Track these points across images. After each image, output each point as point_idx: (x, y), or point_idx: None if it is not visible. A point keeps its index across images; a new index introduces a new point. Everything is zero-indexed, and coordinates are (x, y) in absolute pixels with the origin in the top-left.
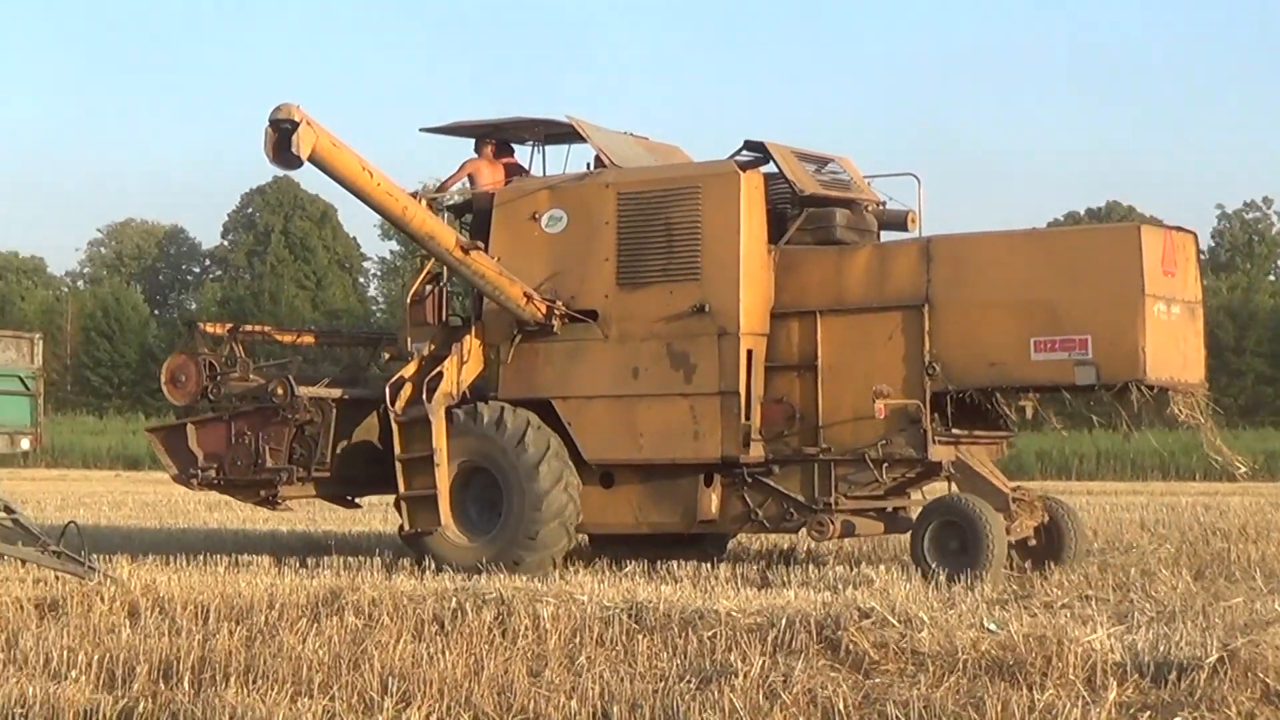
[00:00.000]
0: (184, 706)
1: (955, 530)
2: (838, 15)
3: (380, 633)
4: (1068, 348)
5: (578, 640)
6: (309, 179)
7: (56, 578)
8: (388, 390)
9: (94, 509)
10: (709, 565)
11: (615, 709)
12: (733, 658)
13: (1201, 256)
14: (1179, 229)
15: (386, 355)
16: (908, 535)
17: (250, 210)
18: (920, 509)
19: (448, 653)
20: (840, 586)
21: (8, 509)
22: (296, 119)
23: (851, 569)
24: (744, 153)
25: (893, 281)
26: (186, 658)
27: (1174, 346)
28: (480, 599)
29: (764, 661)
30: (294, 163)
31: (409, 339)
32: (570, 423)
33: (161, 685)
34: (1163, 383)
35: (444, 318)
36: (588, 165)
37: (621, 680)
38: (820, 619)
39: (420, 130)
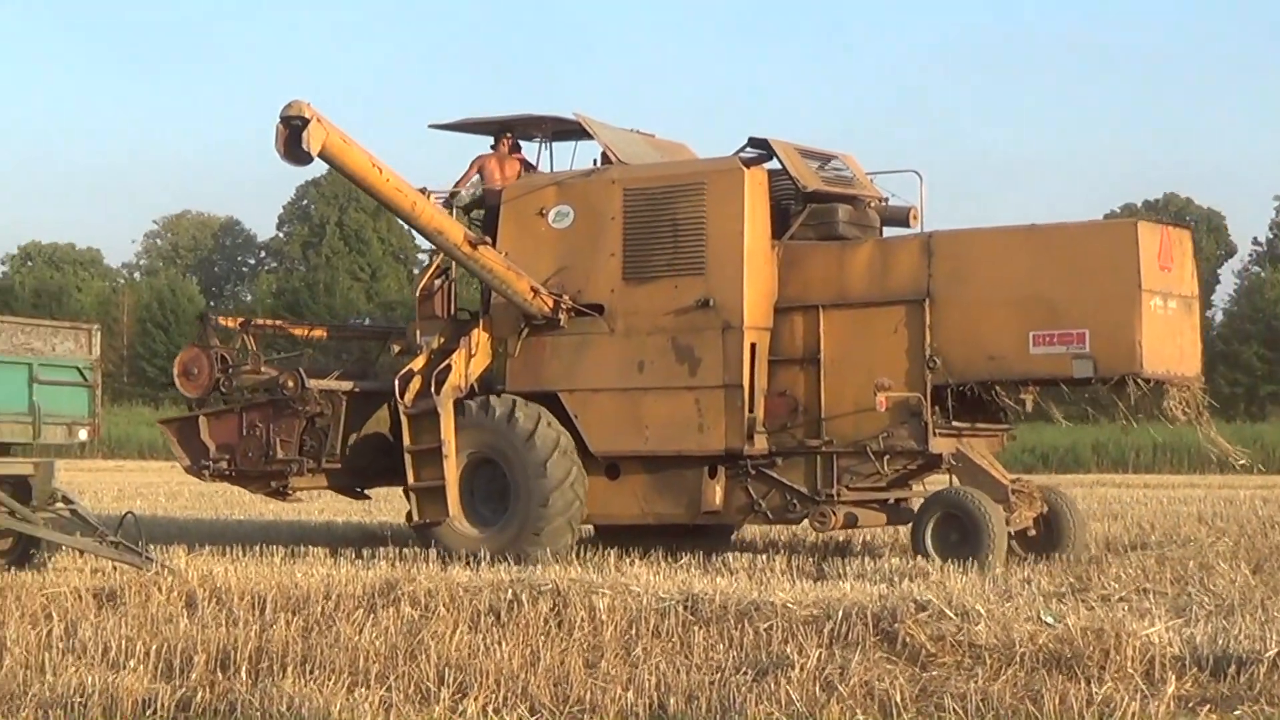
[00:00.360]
0: (242, 696)
1: (956, 522)
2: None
3: (436, 623)
4: (1066, 341)
5: (633, 632)
6: None
7: (114, 568)
8: (397, 383)
9: (150, 499)
10: (764, 557)
11: (672, 700)
12: (789, 650)
13: (1259, 248)
14: (1176, 225)
15: (396, 349)
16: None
17: (305, 202)
18: (922, 501)
19: (504, 643)
20: (896, 579)
21: (66, 499)
22: (307, 116)
23: (907, 561)
24: (748, 149)
25: (894, 276)
26: (244, 648)
27: (1170, 340)
28: (536, 590)
29: (820, 654)
30: (304, 158)
31: (418, 332)
32: (576, 415)
33: (219, 675)
34: (1159, 376)
35: (453, 311)
36: (594, 161)
37: (678, 672)
38: (876, 611)
39: (430, 126)
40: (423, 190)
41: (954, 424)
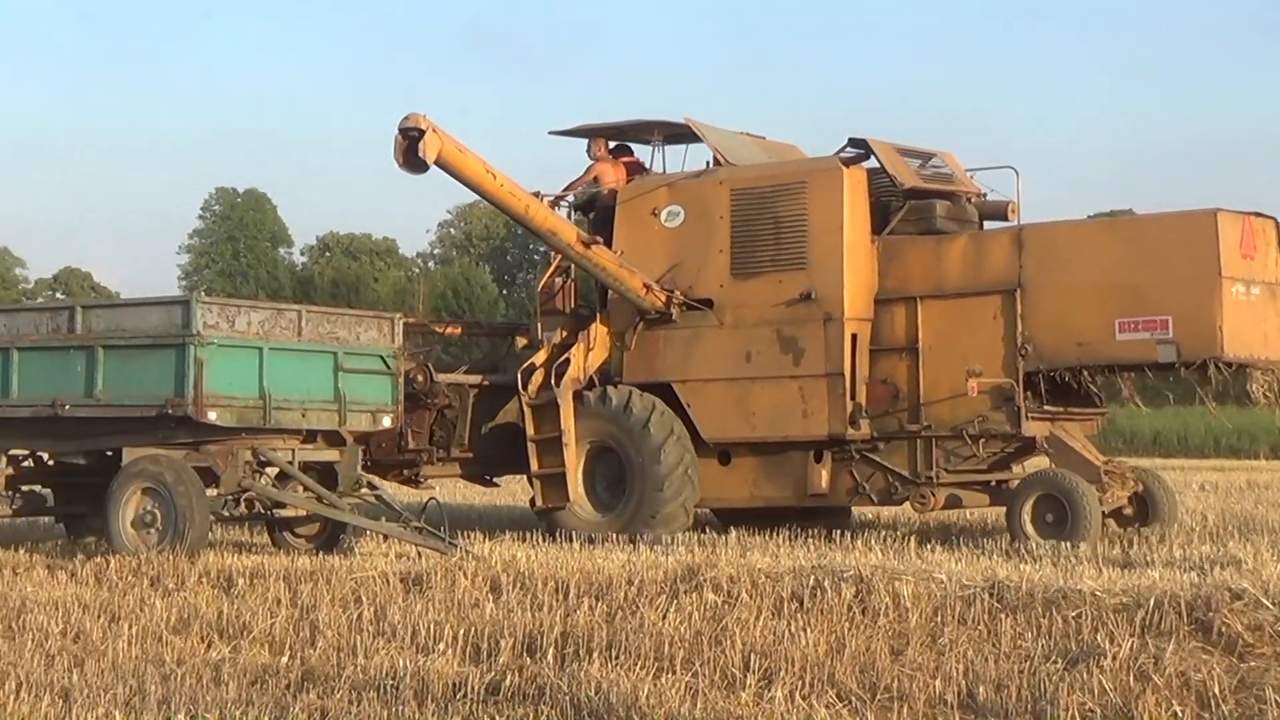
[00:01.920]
0: (549, 680)
1: (1052, 503)
2: None
3: (740, 609)
4: (1150, 328)
5: (939, 619)
6: None
7: (418, 553)
8: (519, 376)
9: (449, 487)
10: (1068, 545)
11: (981, 689)
12: (1100, 638)
13: None
14: (1259, 215)
15: (521, 343)
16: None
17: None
18: (1017, 483)
19: (808, 630)
20: (1207, 567)
21: (371, 485)
22: (423, 127)
23: (1218, 548)
24: (848, 149)
25: (987, 268)
26: (549, 632)
27: (1254, 326)
28: (839, 576)
29: (1132, 643)
30: (421, 167)
31: (540, 328)
32: (689, 404)
33: (526, 659)
34: (1241, 360)
35: (574, 307)
36: (707, 163)
37: (985, 660)
38: (1190, 600)
39: (550, 133)
40: (536, 194)
41: (1046, 408)
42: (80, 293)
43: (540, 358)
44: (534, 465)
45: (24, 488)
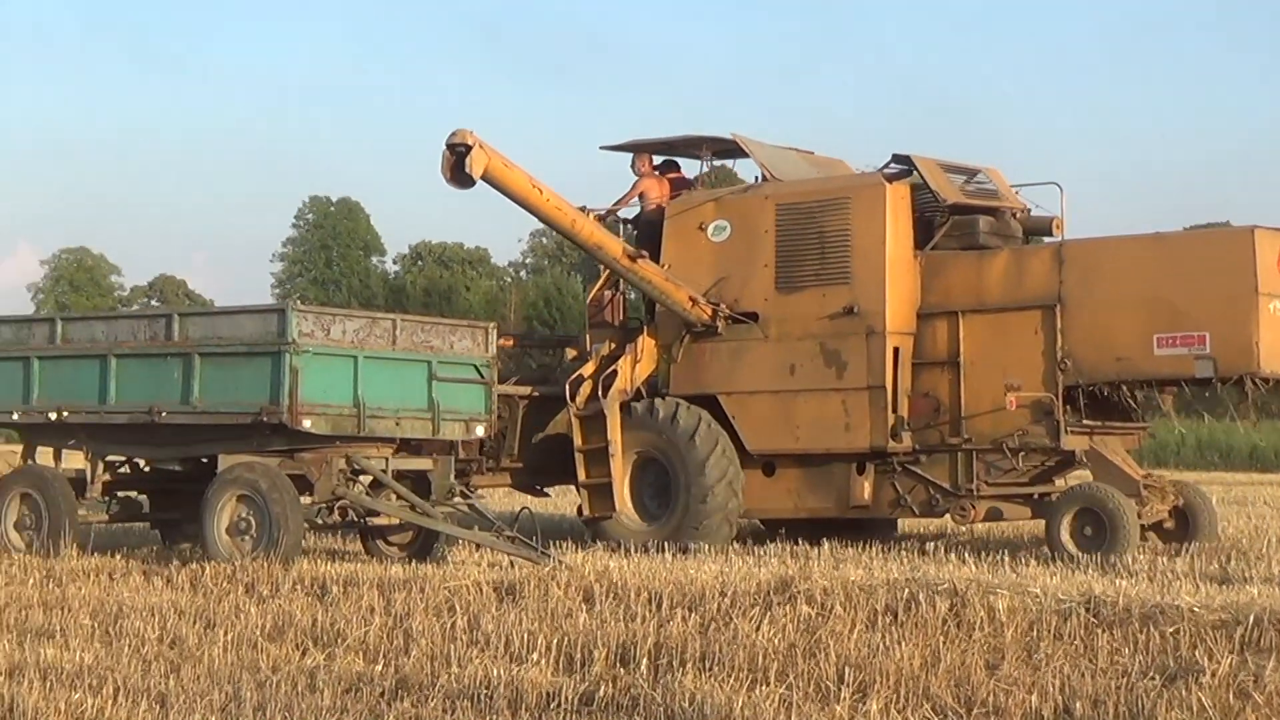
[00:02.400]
0: (643, 691)
1: (1090, 516)
2: None
3: (834, 622)
4: (1188, 343)
5: (1034, 634)
6: None
7: (510, 562)
8: (568, 387)
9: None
10: (1163, 559)
11: (1077, 705)
12: (1198, 655)
13: None
14: None
15: (571, 354)
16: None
17: None
18: (1056, 497)
19: (903, 643)
20: None
21: (464, 494)
22: (470, 143)
23: None
24: (891, 165)
25: (1028, 283)
26: (643, 643)
27: None
28: (933, 590)
29: (1232, 660)
30: (468, 182)
31: (589, 340)
32: (734, 416)
33: (620, 669)
34: (1279, 376)
35: (623, 320)
36: (756, 178)
37: (1082, 675)
38: None
39: (600, 148)
40: (582, 208)
41: (1085, 422)
42: (175, 300)
43: (588, 369)
44: (581, 475)
45: (120, 494)
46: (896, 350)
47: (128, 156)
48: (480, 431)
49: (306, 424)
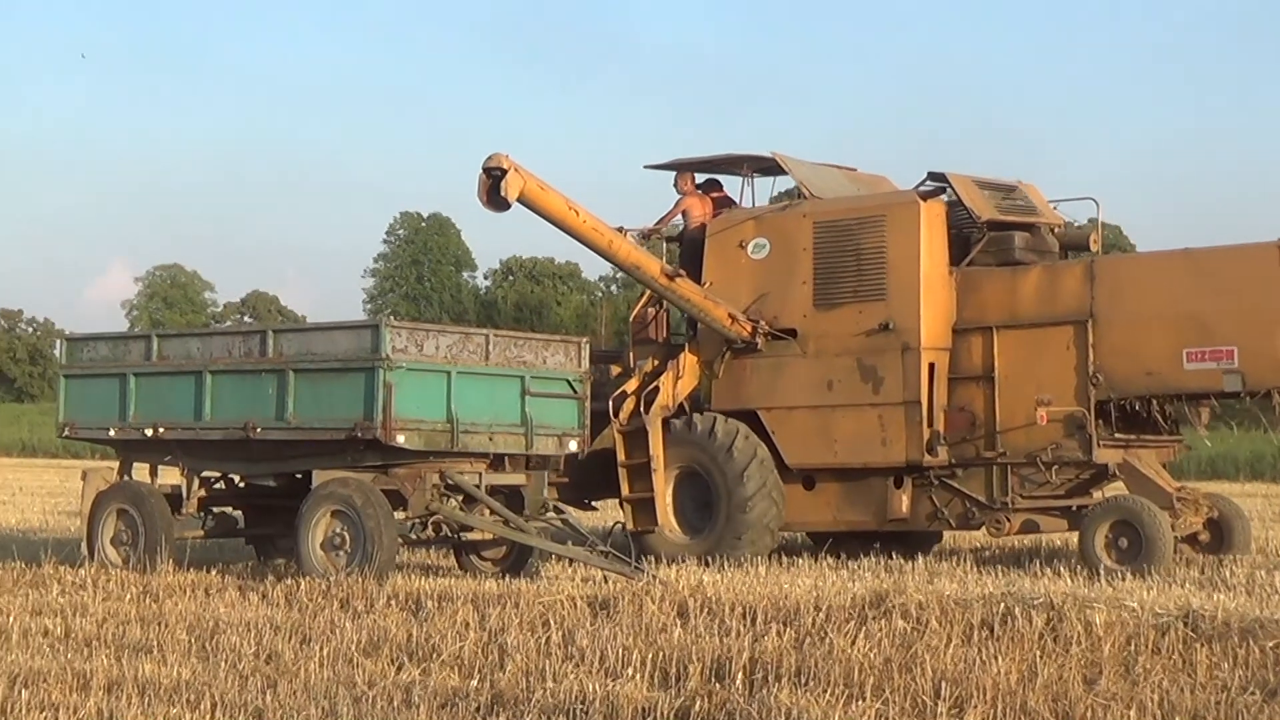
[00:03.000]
0: (739, 707)
1: (1125, 528)
2: None
3: (930, 636)
4: (1216, 358)
5: (1132, 649)
6: None
7: (604, 577)
8: (611, 403)
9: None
10: (1262, 572)
11: None
12: None
13: None
14: None
15: (615, 370)
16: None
17: None
18: (1089, 509)
19: (999, 658)
20: None
21: (557, 509)
22: (505, 167)
23: None
24: (927, 183)
25: (1060, 299)
26: (738, 658)
27: None
28: (1029, 604)
29: None
30: (504, 205)
31: (633, 356)
32: (774, 431)
33: (715, 685)
34: None
35: (666, 337)
36: (797, 195)
37: (1181, 691)
38: None
39: (645, 167)
40: (619, 229)
41: (1118, 436)
42: (268, 316)
43: (631, 385)
44: (625, 490)
45: (216, 509)
46: (932, 365)
47: (220, 174)
48: (573, 447)
49: (400, 439)
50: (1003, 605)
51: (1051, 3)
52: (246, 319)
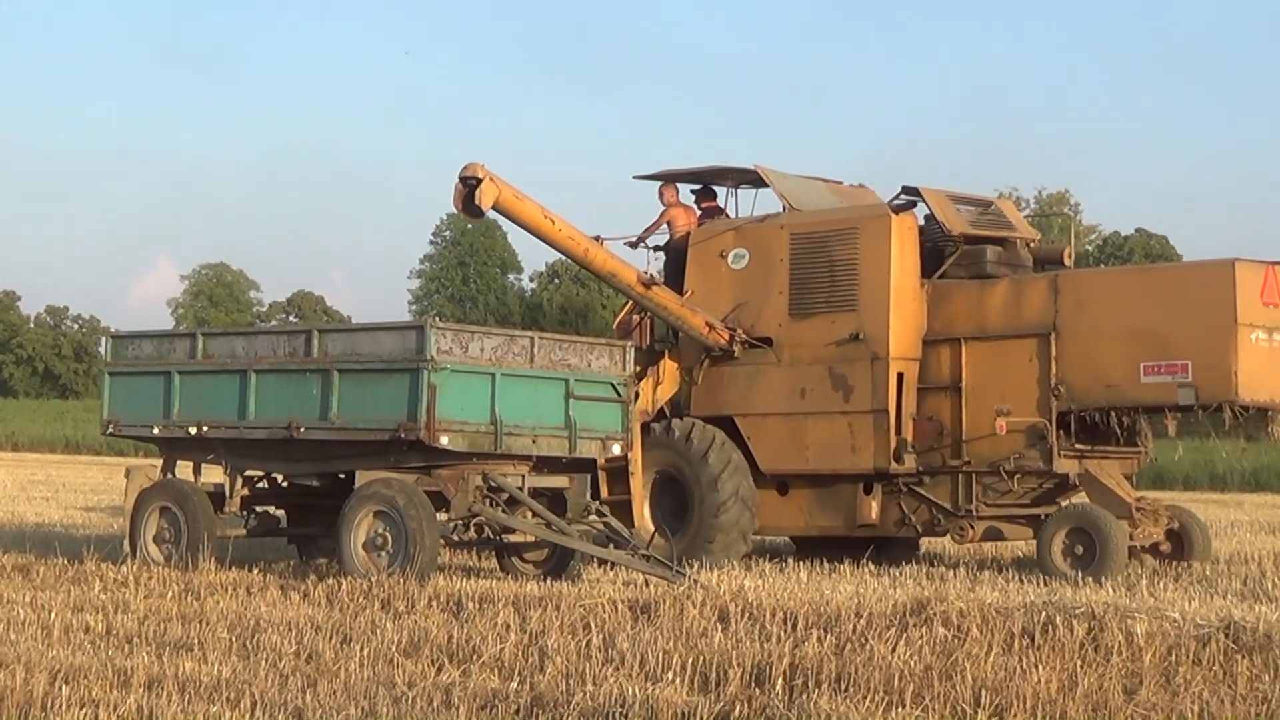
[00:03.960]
0: (779, 712)
1: (1080, 536)
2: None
3: (970, 644)
4: (1171, 371)
5: (1173, 659)
6: None
7: (645, 581)
8: None
9: None
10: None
11: None
12: None
13: None
14: None
15: None
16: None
17: None
18: (1048, 517)
19: (1040, 667)
20: None
21: (599, 513)
22: (480, 176)
23: None
24: (901, 197)
25: (1026, 312)
26: (778, 663)
27: (1277, 371)
28: (1070, 613)
29: None
30: (478, 213)
31: None
32: (749, 437)
33: (755, 690)
34: (1260, 404)
35: (649, 343)
36: (784, 208)
37: (1221, 702)
38: None
39: (634, 177)
40: (596, 237)
41: (1077, 446)
42: (313, 316)
43: None
44: (604, 492)
45: (258, 509)
46: (900, 375)
47: (267, 173)
48: (617, 450)
49: (444, 441)
50: (1044, 614)
51: (1095, 12)
52: (292, 319)
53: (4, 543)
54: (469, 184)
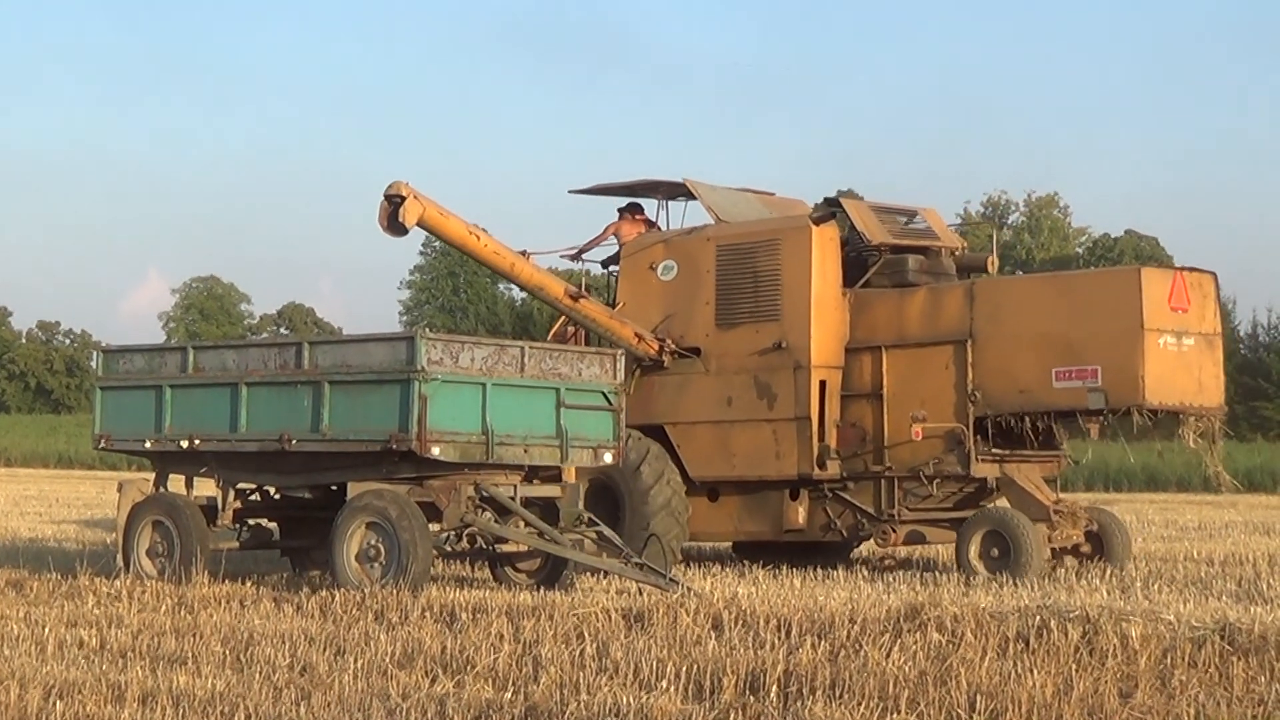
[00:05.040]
0: (774, 719)
1: (996, 538)
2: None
3: (965, 649)
4: (1082, 376)
5: (1168, 661)
6: None
7: (639, 589)
8: None
9: None
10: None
11: None
12: None
13: None
14: (1195, 270)
15: None
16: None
17: None
18: (966, 520)
19: (1035, 671)
20: None
21: (591, 521)
22: (404, 194)
23: None
24: (822, 208)
25: (943, 319)
26: (773, 670)
27: (1186, 374)
28: (1064, 617)
29: None
30: (402, 230)
31: None
32: (679, 445)
33: (750, 697)
34: (1169, 407)
35: None
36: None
37: (1217, 704)
38: None
39: (569, 191)
40: (523, 252)
41: (994, 451)
42: (303, 328)
43: None
44: None
45: (251, 521)
46: (823, 383)
47: (257, 186)
48: (609, 459)
49: (435, 451)
50: (1038, 618)
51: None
52: (282, 331)
53: None
54: (394, 202)
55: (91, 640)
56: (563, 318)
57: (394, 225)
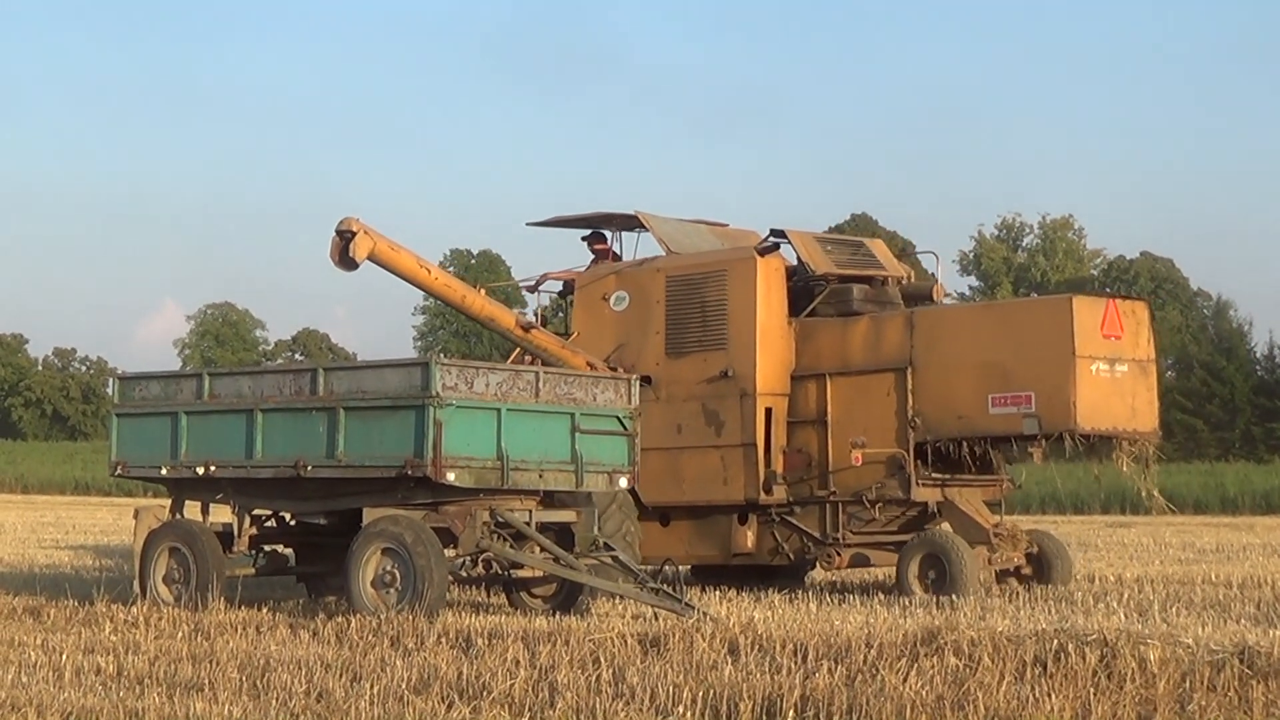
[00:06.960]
0: None
1: (934, 561)
2: None
3: (982, 673)
4: (1016, 402)
5: (1187, 685)
6: None
7: (654, 614)
8: None
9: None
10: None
11: None
12: None
13: None
14: (1129, 297)
15: None
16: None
17: None
18: (905, 544)
19: (1052, 695)
20: None
21: (607, 547)
22: (355, 229)
23: None
24: (769, 239)
25: (884, 347)
26: (789, 695)
27: (1119, 400)
28: (1082, 641)
29: None
30: (352, 265)
31: None
32: None
33: None
34: (1102, 432)
35: None
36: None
37: None
38: None
39: (527, 224)
40: (476, 286)
41: (934, 475)
42: (318, 354)
43: None
44: None
45: (266, 547)
46: (769, 410)
47: (271, 212)
48: (624, 483)
49: (450, 477)
50: (1056, 642)
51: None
52: (297, 357)
53: (15, 585)
54: (345, 237)
55: (108, 667)
56: (516, 350)
57: (345, 260)
